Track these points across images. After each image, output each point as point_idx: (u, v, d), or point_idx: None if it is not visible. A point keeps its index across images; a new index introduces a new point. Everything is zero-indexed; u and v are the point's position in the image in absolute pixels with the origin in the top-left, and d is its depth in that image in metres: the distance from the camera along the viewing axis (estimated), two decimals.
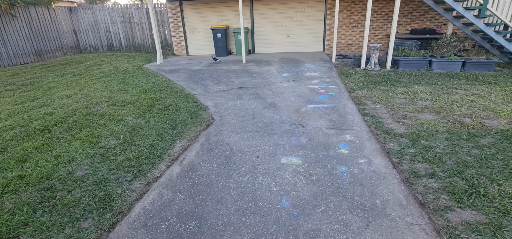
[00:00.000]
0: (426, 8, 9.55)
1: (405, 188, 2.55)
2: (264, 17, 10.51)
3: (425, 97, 4.89)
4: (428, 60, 7.00)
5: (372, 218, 2.20)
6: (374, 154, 3.16)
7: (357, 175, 2.76)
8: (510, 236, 1.95)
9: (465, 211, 2.21)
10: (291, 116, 4.35)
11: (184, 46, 11.23)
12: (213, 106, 4.94)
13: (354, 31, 10.25)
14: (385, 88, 5.56)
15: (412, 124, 3.85)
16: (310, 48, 10.74)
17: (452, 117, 3.99)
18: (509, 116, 3.93)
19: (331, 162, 3.03)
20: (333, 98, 5.16)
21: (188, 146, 3.49)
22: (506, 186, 2.46)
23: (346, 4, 9.90)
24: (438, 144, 3.26)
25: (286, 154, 3.23)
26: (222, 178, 2.80)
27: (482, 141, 3.28)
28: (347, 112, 4.42)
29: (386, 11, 9.80)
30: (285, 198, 2.47)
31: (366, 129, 3.83)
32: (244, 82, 6.47)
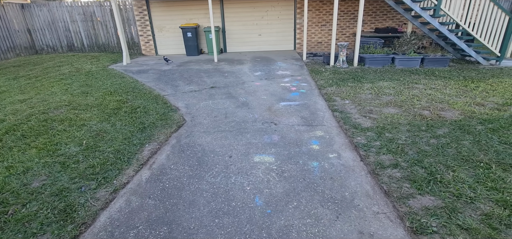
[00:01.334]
0: (388, 8, 10.11)
1: (372, 179, 2.68)
2: (235, 16, 10.46)
3: (389, 92, 5.18)
4: (391, 57, 7.42)
5: (342, 210, 2.28)
6: (343, 148, 3.28)
7: (327, 169, 2.85)
8: (463, 217, 2.13)
9: (425, 197, 2.37)
10: (264, 114, 4.38)
11: (152, 45, 10.81)
12: (184, 107, 4.82)
13: (323, 30, 10.56)
14: (352, 84, 5.79)
15: (377, 118, 4.05)
16: (281, 47, 10.89)
17: (413, 111, 4.26)
18: (461, 108, 4.29)
19: (303, 158, 3.09)
20: (304, 95, 5.28)
21: (158, 149, 3.36)
22: (459, 172, 2.68)
23: (314, 4, 10.16)
24: (401, 135, 3.47)
25: (259, 152, 3.24)
26: (194, 180, 2.74)
27: (438, 131, 3.54)
28: (318, 109, 4.54)
29: (352, 10, 10.22)
30: (258, 196, 2.47)
31: (335, 124, 3.96)
32: (216, 82, 6.38)
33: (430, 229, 2.04)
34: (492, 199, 2.30)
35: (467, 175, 2.64)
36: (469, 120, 3.84)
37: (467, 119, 3.86)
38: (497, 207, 2.21)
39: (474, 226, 2.04)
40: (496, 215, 2.13)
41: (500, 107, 4.26)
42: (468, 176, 2.61)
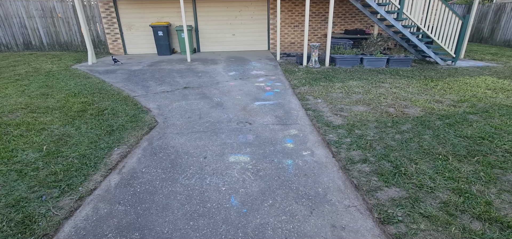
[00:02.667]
0: (356, 10, 10.59)
1: (343, 174, 2.79)
2: (208, 15, 10.32)
3: (358, 91, 5.43)
4: (360, 57, 7.78)
5: (315, 206, 2.35)
6: (316, 145, 3.38)
7: (301, 167, 2.91)
8: (425, 206, 2.29)
9: (391, 189, 2.52)
10: (239, 114, 4.37)
11: (121, 44, 10.32)
12: (156, 108, 4.66)
13: (295, 30, 10.79)
14: (324, 84, 5.99)
15: (348, 115, 4.23)
16: (255, 47, 10.94)
17: (380, 108, 4.51)
18: (422, 105, 4.61)
19: (277, 156, 3.13)
20: (279, 95, 5.35)
21: (128, 152, 3.22)
22: (421, 164, 2.88)
23: (287, 5, 10.35)
24: (369, 132, 3.65)
25: (234, 152, 3.23)
26: (167, 183, 2.66)
27: (402, 127, 3.78)
28: (292, 108, 4.63)
29: (323, 12, 10.56)
30: (234, 196, 2.47)
31: (309, 122, 4.06)
32: (189, 82, 6.25)
33: (396, 219, 2.17)
34: (449, 188, 2.50)
35: (427, 166, 2.84)
36: (429, 116, 4.15)
37: (427, 115, 4.17)
38: (454, 195, 2.41)
39: (434, 213, 2.20)
40: (452, 202, 2.32)
41: (455, 104, 4.64)
42: (429, 168, 2.82)
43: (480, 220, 2.13)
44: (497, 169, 2.78)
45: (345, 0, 10.32)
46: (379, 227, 2.12)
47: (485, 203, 2.29)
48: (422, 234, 2.03)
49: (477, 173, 2.71)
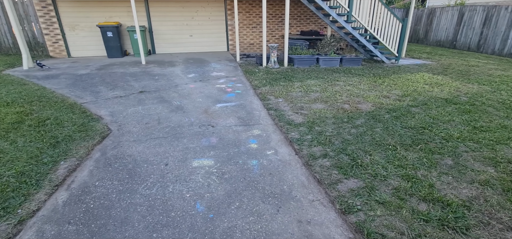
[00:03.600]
0: (310, 12, 11.10)
1: (306, 170, 2.89)
2: (163, 15, 9.89)
3: (316, 90, 5.69)
4: (316, 57, 8.17)
5: (282, 203, 2.39)
6: (279, 144, 3.44)
7: (266, 166, 2.94)
8: (380, 193, 2.48)
9: (350, 181, 2.68)
10: (200, 117, 4.26)
11: (63, 46, 9.34)
12: (108, 115, 4.30)
13: (254, 31, 10.91)
14: (284, 83, 6.15)
15: (307, 113, 4.40)
16: (214, 48, 10.80)
17: (336, 105, 4.78)
18: (373, 101, 5.01)
19: (242, 157, 3.12)
20: (240, 96, 5.35)
21: (77, 165, 2.91)
22: (374, 155, 3.12)
23: (244, 6, 10.41)
24: (328, 128, 3.85)
25: (198, 156, 3.13)
26: (125, 195, 2.47)
27: (357, 122, 4.05)
28: (254, 108, 4.66)
29: (279, 14, 10.85)
30: (199, 202, 2.39)
31: (271, 122, 4.13)
32: (145, 86, 5.91)
33: (355, 208, 2.31)
34: (399, 175, 2.75)
35: (380, 157, 3.09)
36: (379, 110, 4.52)
37: (377, 110, 4.54)
38: (403, 181, 2.65)
39: (387, 199, 2.40)
40: (402, 188, 2.55)
41: (400, 98, 5.14)
42: (381, 158, 3.06)
43: (425, 202, 2.38)
44: (437, 154, 3.13)
45: (300, 2, 10.75)
46: (341, 218, 2.23)
47: (429, 186, 2.57)
48: (378, 219, 2.19)
49: (421, 159, 3.03)
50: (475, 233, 2.06)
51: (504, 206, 2.32)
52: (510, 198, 2.40)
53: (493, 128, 3.80)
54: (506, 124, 3.96)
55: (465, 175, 2.75)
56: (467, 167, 2.88)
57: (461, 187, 2.57)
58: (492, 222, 2.16)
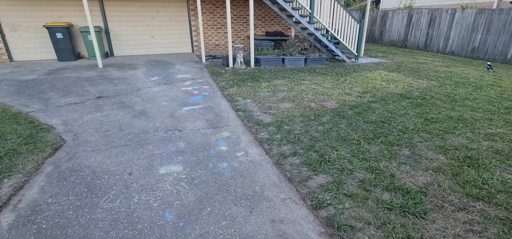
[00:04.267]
0: (274, 13, 11.28)
1: (277, 169, 2.91)
2: (121, 15, 9.32)
3: (283, 89, 5.78)
4: (281, 58, 8.32)
5: (254, 204, 2.37)
6: (249, 145, 3.42)
7: (237, 168, 2.90)
8: (347, 186, 2.59)
9: (319, 177, 2.76)
10: (166, 122, 4.07)
11: (4, 49, 8.32)
12: (61, 124, 3.92)
13: (219, 32, 10.78)
14: (252, 84, 6.16)
15: (276, 113, 4.45)
16: (178, 50, 10.46)
17: (303, 103, 4.90)
18: (337, 98, 5.23)
19: (212, 161, 3.04)
20: (207, 98, 5.23)
21: (25, 182, 2.59)
22: (341, 150, 3.25)
23: (208, 6, 10.24)
24: (296, 126, 3.93)
25: (165, 163, 2.98)
26: (84, 210, 2.25)
27: (323, 119, 4.20)
28: (222, 110, 4.59)
29: (244, 14, 10.86)
30: (168, 211, 2.27)
31: (240, 123, 4.09)
32: (103, 91, 5.50)
33: (325, 203, 2.38)
34: (363, 168, 2.90)
35: (346, 151, 3.23)
36: (342, 107, 4.74)
37: (341, 106, 4.75)
38: (367, 173, 2.80)
39: (354, 192, 2.51)
40: (367, 179, 2.69)
41: (361, 95, 5.44)
42: (347, 152, 3.20)
43: (388, 191, 2.54)
44: (395, 146, 3.37)
45: (264, 4, 10.87)
46: (313, 213, 2.28)
47: (390, 176, 2.74)
48: (347, 212, 2.28)
49: (382, 151, 3.23)
50: (431, 216, 2.24)
51: (454, 189, 2.56)
52: (458, 182, 2.66)
53: (441, 119, 4.20)
54: (451, 114, 4.39)
55: (421, 164, 2.99)
56: (422, 156, 3.14)
57: (418, 175, 2.79)
58: (445, 204, 2.37)
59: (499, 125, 4.02)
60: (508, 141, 3.51)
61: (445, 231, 2.09)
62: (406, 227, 2.12)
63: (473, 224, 2.15)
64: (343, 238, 2.03)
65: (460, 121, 4.12)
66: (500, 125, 4.02)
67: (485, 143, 3.45)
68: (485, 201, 2.40)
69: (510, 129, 3.86)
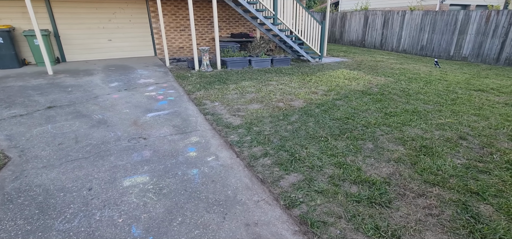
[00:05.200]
0: (239, 15, 11.28)
1: (249, 171, 2.88)
2: (72, 17, 8.60)
3: (251, 91, 5.78)
4: (248, 59, 8.33)
5: (227, 209, 2.31)
6: (219, 149, 3.35)
7: (208, 174, 2.82)
8: (318, 183, 2.65)
9: (290, 176, 2.79)
10: (129, 130, 3.83)
11: None
12: (4, 139, 3.48)
13: (183, 34, 10.48)
14: (219, 86, 6.06)
15: (245, 114, 4.42)
16: (140, 53, 9.95)
17: (271, 104, 4.94)
18: (304, 97, 5.37)
19: (181, 168, 2.91)
20: (173, 103, 5.03)
21: None
22: (310, 148, 3.32)
23: (169, 8, 9.89)
24: (266, 127, 3.94)
25: (129, 174, 2.79)
26: (36, 235, 2.01)
27: (291, 118, 4.27)
28: (190, 115, 4.45)
29: (208, 16, 10.69)
30: (135, 225, 2.12)
31: (209, 127, 4.00)
32: (55, 100, 5.01)
33: (298, 201, 2.41)
34: (332, 163, 2.99)
35: (315, 149, 3.31)
36: (309, 105, 4.87)
37: (308, 105, 4.88)
38: (336, 168, 2.90)
39: (325, 188, 2.58)
40: (336, 175, 2.78)
41: (326, 93, 5.65)
42: (316, 150, 3.29)
43: (356, 184, 2.64)
44: (360, 140, 3.54)
45: (228, 5, 10.81)
46: (286, 213, 2.29)
47: (357, 169, 2.87)
48: (319, 208, 2.33)
49: (348, 146, 3.37)
50: (395, 204, 2.38)
51: (413, 177, 2.76)
52: (417, 170, 2.87)
53: (398, 113, 4.51)
54: (407, 108, 4.75)
55: (383, 155, 3.17)
56: (384, 148, 3.34)
57: (381, 166, 2.95)
58: (406, 192, 2.53)
59: (447, 115, 4.44)
60: (455, 129, 3.89)
61: (408, 217, 2.23)
62: (374, 217, 2.22)
63: (432, 208, 2.33)
64: (316, 234, 2.06)
65: (415, 114, 4.47)
66: (448, 115, 4.44)
67: (437, 133, 3.78)
68: (440, 186, 2.61)
69: (456, 119, 4.28)
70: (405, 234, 2.06)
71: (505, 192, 2.52)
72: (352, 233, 2.08)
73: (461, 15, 10.00)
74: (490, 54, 9.40)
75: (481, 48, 9.62)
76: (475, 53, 9.81)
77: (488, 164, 2.98)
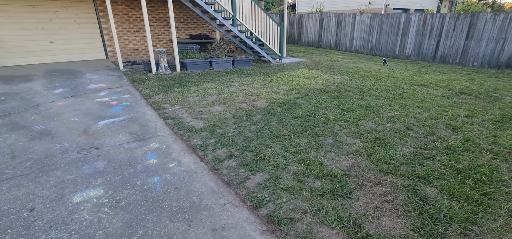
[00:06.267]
0: (197, 16, 11.02)
1: (214, 175, 2.80)
2: (3, 16, 7.57)
3: (213, 92, 5.67)
4: (209, 60, 8.17)
5: (193, 216, 2.22)
6: (182, 154, 3.21)
7: (170, 181, 2.68)
8: (283, 181, 2.68)
9: (256, 176, 2.78)
10: (79, 140, 3.47)
11: None
12: None
13: (137, 36, 9.89)
14: (179, 89, 5.84)
15: (207, 117, 4.31)
16: (89, 56, 9.14)
17: (234, 105, 4.90)
18: (266, 97, 5.43)
19: (140, 177, 2.73)
20: (130, 108, 4.71)
21: None
22: (274, 147, 3.36)
23: (120, 7, 9.27)
24: (229, 129, 3.89)
25: (80, 189, 2.52)
26: None
27: (255, 118, 4.28)
28: (148, 120, 4.20)
29: (164, 17, 10.25)
30: None
31: (170, 132, 3.81)
32: None
33: (264, 200, 2.41)
34: (295, 160, 3.06)
35: (279, 147, 3.35)
36: (272, 105, 4.93)
37: (271, 105, 4.94)
38: (300, 165, 2.97)
39: (290, 185, 2.62)
40: (300, 171, 2.85)
41: (287, 92, 5.79)
42: (280, 148, 3.33)
43: (319, 179, 2.74)
44: (321, 136, 3.68)
45: (185, 6, 10.49)
46: (254, 213, 2.27)
47: (319, 164, 2.97)
48: (285, 205, 2.36)
49: (310, 143, 3.48)
50: (355, 194, 2.51)
51: (370, 167, 2.95)
52: (373, 161, 3.08)
53: (354, 108, 4.81)
54: (361, 103, 5.08)
55: (342, 149, 3.34)
56: (343, 142, 3.51)
57: (341, 160, 3.10)
58: (365, 182, 2.69)
59: (396, 108, 4.85)
60: (403, 121, 4.26)
61: (367, 205, 2.37)
62: (337, 209, 2.32)
63: (387, 195, 2.51)
64: (284, 231, 2.08)
65: (368, 108, 4.80)
66: (397, 108, 4.86)
67: (388, 125, 4.11)
68: (393, 174, 2.83)
69: (403, 112, 4.70)
70: (365, 221, 2.18)
71: (446, 174, 2.83)
72: (317, 226, 2.14)
73: (403, 18, 11.06)
74: (428, 53, 10.55)
75: (420, 47, 10.74)
76: (416, 52, 10.92)
77: (431, 151, 3.32)
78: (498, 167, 2.97)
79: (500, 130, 3.98)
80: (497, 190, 2.58)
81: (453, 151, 3.30)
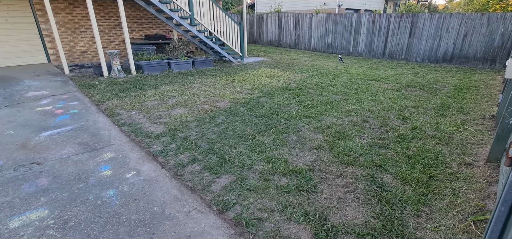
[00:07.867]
0: (153, 16, 10.47)
1: (177, 182, 2.66)
2: None
3: (173, 95, 5.42)
4: (167, 62, 7.81)
5: (155, 228, 2.07)
6: (141, 162, 3.00)
7: (128, 192, 2.47)
8: (249, 181, 2.64)
9: (221, 178, 2.70)
10: (16, 156, 3.04)
11: None
12: None
13: (84, 37, 9.06)
14: (135, 93, 5.47)
15: (168, 121, 4.10)
16: (26, 60, 8.13)
17: (196, 107, 4.74)
18: (229, 97, 5.34)
19: (93, 192, 2.47)
20: (78, 116, 4.27)
21: None
22: (239, 147, 3.31)
23: (62, 6, 8.40)
24: (192, 132, 3.74)
25: (18, 212, 2.20)
26: None
27: (218, 120, 4.18)
28: (101, 128, 3.85)
29: (114, 16, 9.55)
30: None
31: (126, 139, 3.54)
32: None
33: (231, 203, 2.35)
34: (261, 159, 3.05)
35: (244, 147, 3.31)
36: (235, 105, 4.87)
37: (234, 105, 4.88)
38: (265, 164, 2.96)
39: (256, 184, 2.59)
40: (266, 170, 2.84)
41: (250, 92, 5.77)
42: (245, 148, 3.29)
43: (284, 176, 2.75)
44: (285, 134, 3.72)
45: (137, 4, 9.90)
46: (220, 218, 2.20)
47: (284, 162, 3.00)
48: (252, 206, 2.32)
49: (275, 141, 3.50)
50: (320, 188, 2.57)
51: (332, 161, 3.06)
52: (334, 154, 3.20)
53: (315, 104, 4.97)
54: (321, 99, 5.28)
55: (306, 145, 3.42)
56: (306, 138, 3.60)
57: (305, 155, 3.17)
58: (328, 175, 2.78)
59: (353, 103, 5.13)
60: (359, 114, 4.52)
61: (331, 197, 2.45)
62: (303, 204, 2.35)
63: (348, 186, 2.62)
64: (252, 232, 2.04)
65: (328, 104, 5.01)
66: (353, 103, 5.14)
67: (346, 119, 4.32)
68: (353, 165, 2.97)
69: (359, 105, 4.98)
70: (330, 213, 2.25)
71: (399, 161, 3.06)
72: (285, 223, 2.14)
73: (355, 18, 11.80)
74: (378, 50, 11.41)
75: (371, 45, 11.57)
76: (368, 49, 11.74)
77: (385, 140, 3.57)
78: (442, 151, 3.30)
79: (441, 117, 4.44)
80: (441, 172, 2.85)
81: (404, 139, 3.58)
